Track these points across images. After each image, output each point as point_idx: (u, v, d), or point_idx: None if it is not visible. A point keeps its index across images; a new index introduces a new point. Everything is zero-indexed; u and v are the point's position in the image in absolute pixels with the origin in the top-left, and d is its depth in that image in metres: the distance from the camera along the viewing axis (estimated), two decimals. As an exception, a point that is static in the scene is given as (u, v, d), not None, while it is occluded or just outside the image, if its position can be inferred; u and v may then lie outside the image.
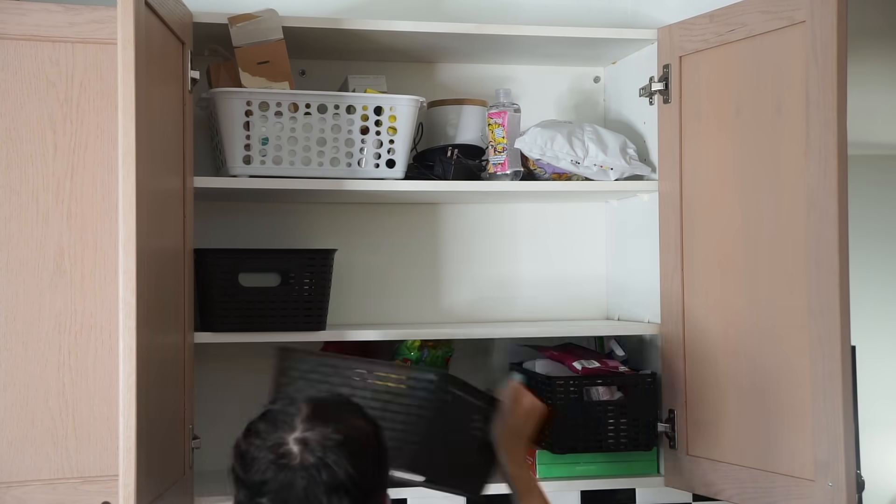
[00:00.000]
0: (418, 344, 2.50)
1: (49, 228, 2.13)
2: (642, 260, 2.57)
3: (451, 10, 2.68)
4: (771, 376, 2.21)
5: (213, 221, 2.50)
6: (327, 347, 2.56)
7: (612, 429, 2.45)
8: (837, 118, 2.06)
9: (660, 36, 2.47)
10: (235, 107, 2.28)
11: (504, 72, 2.72)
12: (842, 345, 2.05)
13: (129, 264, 1.82)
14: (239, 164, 2.30)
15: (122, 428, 1.80)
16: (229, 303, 2.29)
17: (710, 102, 2.35)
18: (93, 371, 2.15)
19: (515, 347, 2.68)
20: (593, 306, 2.77)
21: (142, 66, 1.87)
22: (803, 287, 2.12)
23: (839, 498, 2.05)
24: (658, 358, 2.50)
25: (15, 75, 2.13)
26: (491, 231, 2.73)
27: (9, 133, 2.12)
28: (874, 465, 5.43)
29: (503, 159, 2.44)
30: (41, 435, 2.12)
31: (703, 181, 2.37)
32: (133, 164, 1.82)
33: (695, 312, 2.39)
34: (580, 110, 2.76)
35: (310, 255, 2.36)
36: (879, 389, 5.54)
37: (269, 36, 2.30)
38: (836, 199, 2.06)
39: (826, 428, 2.07)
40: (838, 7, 2.05)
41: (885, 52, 3.94)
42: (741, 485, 2.26)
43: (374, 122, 2.36)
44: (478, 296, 2.71)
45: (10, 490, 2.10)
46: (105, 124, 2.16)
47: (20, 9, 2.12)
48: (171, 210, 2.14)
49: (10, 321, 2.11)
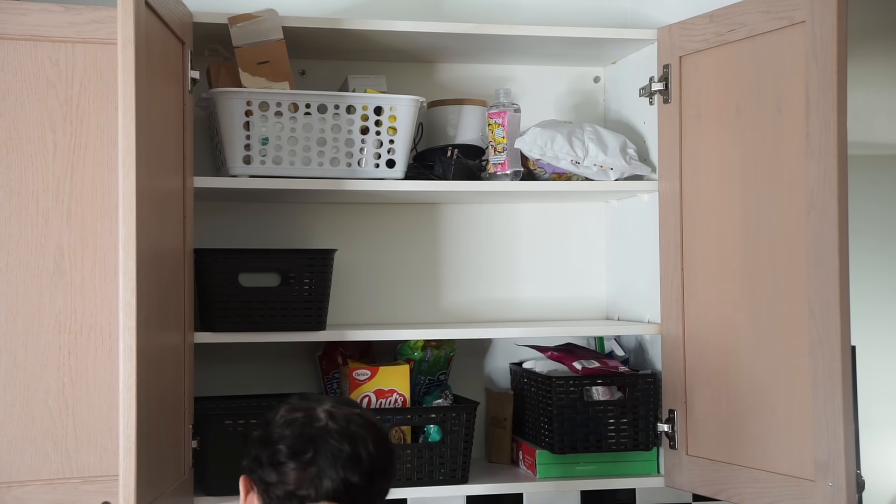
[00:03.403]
0: (421, 344, 2.50)
1: (49, 228, 2.13)
2: (642, 260, 2.57)
3: (451, 10, 2.68)
4: (771, 376, 2.21)
5: (213, 221, 2.50)
6: (328, 347, 2.56)
7: (612, 429, 2.45)
8: (837, 118, 2.06)
9: (660, 36, 2.47)
10: (235, 107, 2.28)
11: (504, 72, 2.72)
12: (842, 345, 2.05)
13: (129, 264, 1.82)
14: (239, 164, 2.30)
15: (122, 428, 1.80)
16: (229, 303, 2.29)
17: (710, 102, 2.35)
18: (93, 371, 2.15)
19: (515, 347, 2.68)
20: (593, 306, 2.77)
21: (142, 66, 1.87)
22: (803, 287, 2.12)
23: (839, 498, 2.05)
24: (658, 358, 2.50)
25: (15, 75, 2.12)
26: (491, 231, 2.73)
27: (9, 133, 2.12)
28: (874, 465, 5.43)
29: (503, 159, 2.44)
30: (41, 435, 2.12)
31: (703, 181, 2.37)
32: (133, 164, 1.82)
33: (695, 312, 2.39)
34: (580, 110, 2.76)
35: (310, 255, 2.36)
36: (879, 389, 5.54)
37: (269, 36, 2.30)
38: (836, 199, 2.05)
39: (826, 428, 2.07)
40: (838, 7, 2.05)
41: (885, 52, 3.93)
42: (741, 485, 2.26)
43: (374, 122, 2.36)
44: (478, 296, 2.71)
45: (10, 490, 2.10)
46: (105, 124, 2.16)
47: (20, 9, 2.12)
48: (171, 210, 2.14)
49: (10, 321, 2.11)
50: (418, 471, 2.37)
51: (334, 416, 1.59)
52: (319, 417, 1.59)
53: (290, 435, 1.57)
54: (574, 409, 2.43)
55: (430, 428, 2.40)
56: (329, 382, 2.55)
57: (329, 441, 1.56)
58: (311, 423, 1.59)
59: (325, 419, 1.59)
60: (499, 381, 2.72)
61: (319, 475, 1.54)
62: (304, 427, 1.58)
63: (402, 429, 2.39)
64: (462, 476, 2.40)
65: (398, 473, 2.35)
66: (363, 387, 2.38)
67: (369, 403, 2.37)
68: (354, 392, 2.37)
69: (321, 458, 1.55)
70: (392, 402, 2.39)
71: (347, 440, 1.57)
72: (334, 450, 1.55)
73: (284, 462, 1.56)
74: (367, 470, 1.57)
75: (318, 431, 1.57)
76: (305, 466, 1.55)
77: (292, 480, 1.55)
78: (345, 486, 1.55)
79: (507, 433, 2.60)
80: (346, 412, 1.61)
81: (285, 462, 1.56)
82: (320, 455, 1.55)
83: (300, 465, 1.55)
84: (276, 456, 1.56)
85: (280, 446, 1.57)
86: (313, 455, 1.55)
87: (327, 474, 1.54)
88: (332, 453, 1.55)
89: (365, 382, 2.38)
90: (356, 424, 1.59)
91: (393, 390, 2.40)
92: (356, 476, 1.55)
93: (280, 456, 1.56)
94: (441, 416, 2.39)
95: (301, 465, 1.55)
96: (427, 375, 2.53)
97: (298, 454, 1.55)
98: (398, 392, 2.40)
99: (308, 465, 1.55)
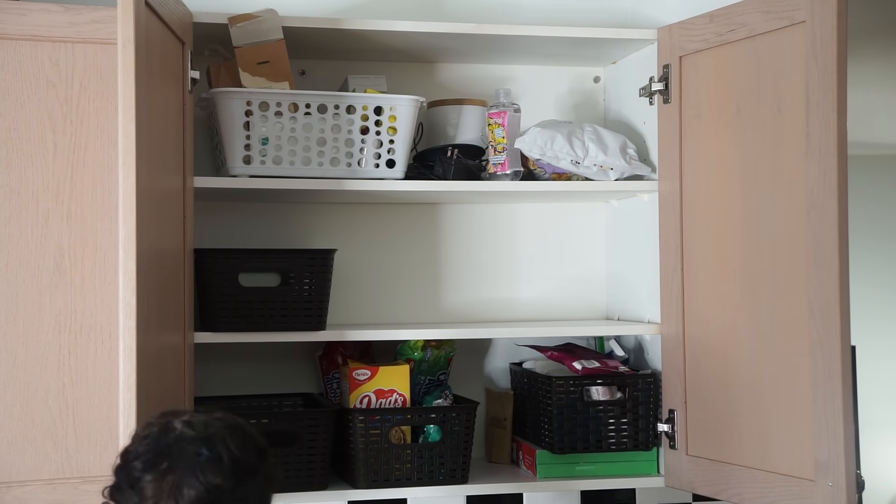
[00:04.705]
0: (421, 344, 2.50)
1: (49, 228, 2.13)
2: (642, 260, 2.57)
3: (451, 10, 2.68)
4: (771, 376, 2.21)
5: (213, 221, 2.50)
6: (328, 347, 2.56)
7: (612, 429, 2.45)
8: (837, 118, 2.06)
9: (660, 36, 2.47)
10: (235, 107, 2.27)
11: (504, 72, 2.72)
12: (842, 345, 2.05)
13: (129, 264, 1.82)
14: (239, 164, 2.30)
15: (122, 428, 1.80)
16: (229, 303, 2.29)
17: (710, 102, 2.35)
18: (93, 371, 2.15)
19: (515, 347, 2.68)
20: (593, 306, 2.77)
21: (142, 66, 1.87)
22: (803, 287, 2.12)
23: (839, 498, 2.05)
24: (658, 358, 2.50)
25: (15, 75, 2.12)
26: (491, 231, 2.72)
27: (9, 133, 2.12)
28: (874, 465, 5.43)
29: (503, 159, 2.44)
30: (41, 435, 2.12)
31: (703, 181, 2.37)
32: (133, 164, 1.82)
33: (695, 312, 2.39)
34: (580, 110, 2.76)
35: (310, 255, 2.36)
36: (879, 389, 5.53)
37: (269, 36, 2.30)
38: (836, 199, 2.05)
39: (826, 428, 2.07)
40: (838, 7, 2.05)
41: (885, 52, 3.93)
42: (741, 485, 2.26)
43: (374, 122, 2.36)
44: (478, 296, 2.71)
45: (11, 490, 2.10)
46: (105, 124, 2.16)
47: (20, 9, 2.12)
48: (171, 210, 2.14)
49: (10, 321, 2.11)
50: (418, 471, 2.37)
51: (191, 424, 1.51)
52: (175, 427, 1.51)
53: (144, 450, 1.49)
54: (574, 409, 2.43)
55: (430, 428, 2.40)
56: (329, 382, 2.55)
57: (185, 447, 1.48)
58: (165, 433, 1.50)
59: (181, 427, 1.51)
60: (499, 381, 2.72)
61: (178, 484, 1.46)
62: (159, 438, 1.50)
63: (402, 429, 2.39)
64: (462, 476, 2.40)
65: (398, 473, 2.35)
66: (363, 387, 2.38)
67: (369, 403, 2.37)
68: (354, 392, 2.38)
69: (178, 466, 1.47)
70: (392, 402, 2.40)
71: (205, 443, 1.49)
72: (191, 454, 1.47)
73: (139, 477, 1.47)
74: (230, 471, 1.48)
75: (174, 440, 1.49)
76: (162, 476, 1.46)
77: (150, 494, 1.46)
78: (207, 490, 1.46)
79: (507, 433, 2.60)
80: (205, 418, 1.53)
81: (140, 477, 1.47)
82: (177, 462, 1.47)
83: (156, 477, 1.46)
84: (132, 473, 1.48)
85: (135, 463, 1.48)
86: (169, 464, 1.47)
87: (186, 482, 1.46)
88: (189, 458, 1.47)
89: (365, 382, 2.38)
90: (215, 427, 1.51)
91: (393, 390, 2.40)
92: (218, 478, 1.47)
93: (135, 472, 1.48)
94: (441, 416, 2.39)
95: (157, 476, 1.46)
96: (427, 375, 2.53)
97: (153, 466, 1.47)
98: (398, 392, 2.40)
99: (165, 474, 1.46)
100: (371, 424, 2.33)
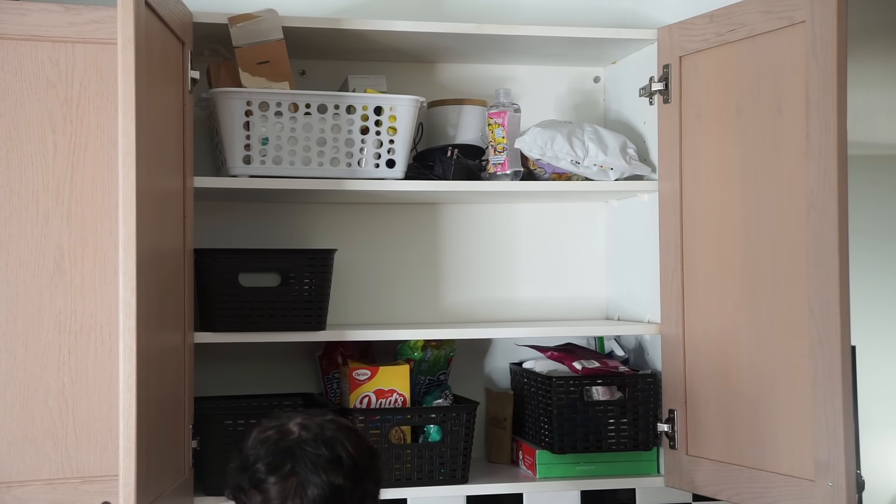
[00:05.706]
0: (421, 344, 2.50)
1: (49, 228, 2.13)
2: (642, 260, 2.57)
3: (451, 10, 2.68)
4: (771, 376, 2.21)
5: (213, 221, 2.50)
6: (328, 347, 2.56)
7: (612, 429, 2.45)
8: (837, 118, 2.06)
9: (660, 36, 2.47)
10: (235, 107, 2.28)
11: (504, 72, 2.72)
12: (842, 345, 2.05)
13: (129, 264, 1.82)
14: (239, 164, 2.30)
15: (122, 428, 1.80)
16: (229, 303, 2.29)
17: (710, 102, 2.35)
18: (93, 371, 2.15)
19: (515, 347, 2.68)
20: (593, 306, 2.77)
21: (142, 66, 1.87)
22: (803, 287, 2.12)
23: (839, 498, 2.05)
24: (658, 358, 2.50)
25: (15, 75, 2.12)
26: (491, 231, 2.72)
27: (9, 133, 2.12)
28: (874, 465, 5.43)
29: (503, 159, 2.44)
30: (41, 435, 2.12)
31: (703, 181, 2.37)
32: (133, 164, 1.82)
33: (695, 312, 2.39)
34: (580, 110, 2.76)
35: (310, 255, 2.36)
36: (879, 389, 5.54)
37: (269, 36, 2.30)
38: (836, 199, 2.05)
39: (826, 428, 2.07)
40: (838, 7, 2.05)
41: (885, 52, 3.93)
42: (741, 485, 2.26)
43: (374, 122, 2.36)
44: (478, 296, 2.71)
45: (11, 490, 2.10)
46: (105, 124, 2.16)
47: (20, 9, 2.12)
48: (171, 210, 2.14)
49: (10, 321, 2.11)
50: (418, 471, 2.37)
51: (307, 427, 1.61)
52: (292, 430, 1.61)
53: (265, 453, 1.58)
54: (574, 409, 2.43)
55: (430, 428, 2.40)
56: (329, 382, 2.55)
57: (306, 449, 1.57)
58: (284, 437, 1.60)
59: (298, 431, 1.60)
60: (499, 381, 2.72)
61: (302, 484, 1.55)
62: (279, 442, 1.59)
63: (402, 429, 2.39)
64: (462, 476, 2.40)
65: (398, 473, 2.35)
66: (363, 387, 2.38)
67: (369, 403, 2.37)
68: (354, 392, 2.37)
69: (301, 468, 1.55)
70: (392, 402, 2.39)
71: (324, 445, 1.58)
72: (312, 456, 1.56)
73: (264, 479, 1.56)
74: (350, 471, 1.57)
75: (293, 443, 1.58)
76: (286, 478, 1.55)
77: (276, 495, 1.55)
78: (330, 489, 1.55)
79: (507, 433, 2.60)
80: (319, 421, 1.62)
81: (265, 479, 1.56)
82: (299, 464, 1.56)
83: (281, 479, 1.55)
84: (256, 475, 1.57)
85: (258, 465, 1.57)
86: (292, 466, 1.56)
87: (311, 481, 1.55)
88: (310, 460, 1.56)
89: (365, 382, 2.38)
90: (331, 430, 1.61)
91: (393, 390, 2.40)
92: (339, 478, 1.56)
93: (259, 475, 1.57)
94: (441, 416, 2.39)
95: (282, 478, 1.55)
96: (427, 375, 2.53)
97: (277, 468, 1.56)
98: (398, 392, 2.40)
99: (289, 476, 1.56)
100: (371, 424, 2.33)
